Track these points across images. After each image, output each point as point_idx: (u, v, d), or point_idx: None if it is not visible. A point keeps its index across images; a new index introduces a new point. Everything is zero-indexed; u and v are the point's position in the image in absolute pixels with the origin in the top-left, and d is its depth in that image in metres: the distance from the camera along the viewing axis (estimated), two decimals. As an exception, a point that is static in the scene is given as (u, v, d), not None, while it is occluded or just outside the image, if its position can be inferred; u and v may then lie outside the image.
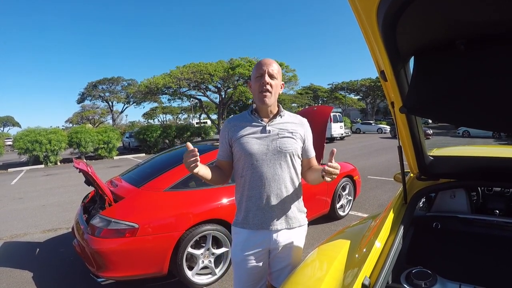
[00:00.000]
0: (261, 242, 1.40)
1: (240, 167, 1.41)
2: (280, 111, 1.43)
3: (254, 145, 1.36)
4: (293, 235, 1.44)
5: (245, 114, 1.46)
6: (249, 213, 1.40)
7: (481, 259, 1.47)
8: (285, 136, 1.39)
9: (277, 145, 1.37)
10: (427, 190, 1.70)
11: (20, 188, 8.41)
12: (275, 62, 1.38)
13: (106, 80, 37.80)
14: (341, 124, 20.48)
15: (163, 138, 18.04)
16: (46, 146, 13.56)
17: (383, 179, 6.87)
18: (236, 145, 1.39)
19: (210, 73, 19.65)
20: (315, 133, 1.33)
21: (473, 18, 0.90)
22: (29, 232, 4.46)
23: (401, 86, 1.23)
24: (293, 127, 1.43)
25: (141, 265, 2.46)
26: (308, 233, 3.75)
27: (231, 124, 1.43)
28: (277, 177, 1.37)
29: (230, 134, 1.41)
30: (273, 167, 1.37)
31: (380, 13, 0.88)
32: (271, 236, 1.40)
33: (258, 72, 1.34)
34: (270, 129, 1.38)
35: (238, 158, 1.41)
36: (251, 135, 1.38)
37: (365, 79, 40.80)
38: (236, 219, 1.47)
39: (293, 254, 1.46)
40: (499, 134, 16.35)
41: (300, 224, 1.47)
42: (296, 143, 1.40)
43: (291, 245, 1.44)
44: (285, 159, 1.38)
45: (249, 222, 1.40)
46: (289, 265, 1.45)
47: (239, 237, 1.44)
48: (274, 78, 1.35)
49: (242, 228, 1.42)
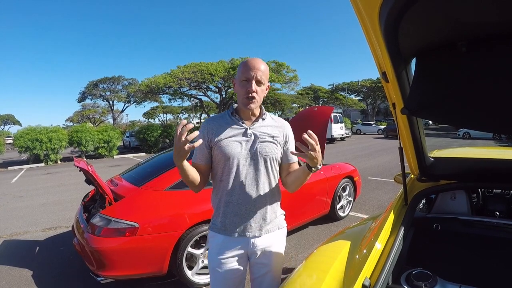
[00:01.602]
0: (238, 247, 1.36)
1: (219, 170, 1.35)
2: (263, 113, 1.38)
3: (235, 149, 1.30)
4: (272, 239, 1.39)
5: (225, 115, 1.38)
6: (227, 219, 1.35)
7: (481, 261, 1.47)
8: (266, 140, 1.34)
9: (258, 150, 1.32)
10: (428, 191, 1.70)
11: (20, 186, 8.41)
12: (263, 62, 1.30)
13: (107, 79, 37.85)
14: (341, 124, 20.49)
15: (163, 138, 18.04)
16: (47, 145, 13.56)
17: (383, 180, 6.87)
18: (216, 148, 1.32)
19: (211, 73, 19.65)
20: (316, 134, 1.31)
21: (475, 19, 0.90)
22: (29, 231, 4.47)
23: (402, 87, 1.23)
24: (274, 131, 1.38)
25: (141, 264, 2.46)
26: (308, 234, 3.81)
27: (210, 125, 1.35)
28: (257, 183, 1.33)
29: (210, 136, 1.33)
30: (253, 172, 1.32)
31: (382, 14, 0.88)
32: (249, 241, 1.35)
33: (245, 76, 1.26)
34: (251, 133, 1.33)
35: (218, 162, 1.34)
36: (232, 138, 1.32)
37: (366, 80, 40.77)
38: (213, 224, 1.41)
39: (274, 259, 1.41)
40: (500, 135, 16.35)
41: (278, 227, 1.43)
42: (277, 148, 1.36)
43: (271, 250, 1.39)
44: (265, 164, 1.34)
45: (226, 227, 1.35)
46: (270, 271, 1.40)
47: (215, 241, 1.38)
48: (261, 84, 1.29)
49: (219, 233, 1.37)
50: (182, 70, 19.89)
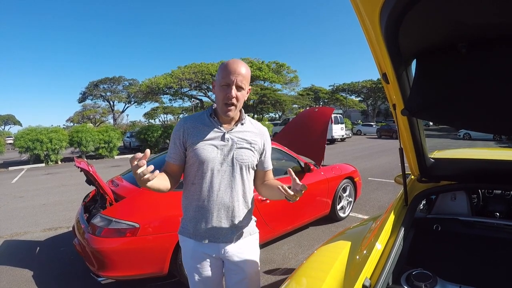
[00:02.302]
0: (210, 252, 1.33)
1: (192, 173, 1.31)
2: (242, 118, 1.34)
3: (211, 153, 1.26)
4: (244, 245, 1.36)
5: (203, 116, 1.33)
6: (197, 224, 1.31)
7: (481, 261, 1.47)
8: (243, 147, 1.30)
9: (234, 156, 1.28)
10: (428, 192, 1.71)
11: (20, 186, 8.42)
12: (244, 65, 1.24)
13: (108, 79, 37.93)
14: (342, 125, 20.48)
15: (164, 138, 18.07)
16: (47, 145, 13.58)
17: (383, 181, 6.87)
18: (191, 150, 1.27)
19: (212, 74, 19.68)
20: (316, 135, 1.30)
21: (475, 20, 0.90)
22: (30, 231, 4.47)
23: (403, 88, 1.23)
24: (252, 137, 1.34)
25: (142, 265, 2.46)
26: (308, 234, 3.81)
27: (187, 125, 1.30)
28: (230, 189, 1.29)
29: (186, 136, 1.29)
30: (227, 178, 1.29)
31: (383, 16, 0.89)
32: (220, 248, 1.33)
33: (225, 81, 1.21)
34: (229, 137, 1.29)
35: (192, 164, 1.30)
36: (209, 141, 1.27)
37: (366, 81, 40.83)
38: (182, 227, 1.37)
39: (248, 265, 1.37)
40: (500, 136, 16.34)
41: (250, 233, 1.40)
42: (253, 155, 1.33)
43: (244, 256, 1.36)
44: (240, 171, 1.30)
45: (196, 233, 1.31)
46: (246, 278, 1.37)
47: (187, 246, 1.35)
48: (241, 89, 1.23)
49: (190, 238, 1.34)
50: (183, 71, 19.93)
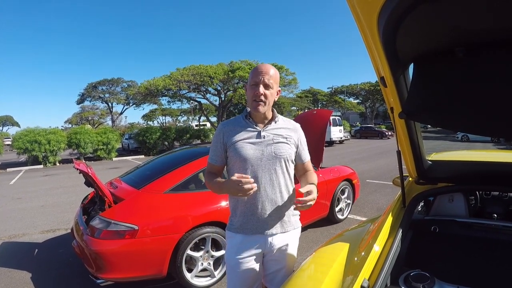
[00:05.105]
0: (256, 246, 1.41)
1: (235, 171, 1.40)
2: (275, 116, 1.44)
3: (249, 150, 1.36)
4: (287, 238, 1.45)
5: (240, 119, 1.45)
6: (245, 218, 1.40)
7: (479, 263, 1.49)
8: (280, 141, 1.40)
9: (272, 151, 1.37)
10: (426, 194, 1.72)
11: (19, 188, 8.39)
12: (273, 68, 1.37)
13: (106, 81, 37.79)
14: (340, 127, 20.51)
15: (162, 140, 18.04)
16: (45, 147, 13.53)
17: (382, 183, 6.89)
18: (231, 150, 1.38)
19: (210, 76, 19.67)
20: (315, 137, 1.34)
21: (472, 25, 0.92)
22: (28, 233, 4.45)
23: (400, 92, 1.25)
24: (287, 132, 1.43)
25: (141, 267, 2.46)
26: (307, 236, 3.81)
27: (226, 128, 1.42)
28: (272, 182, 1.38)
29: (225, 138, 1.40)
30: (268, 172, 1.37)
31: (381, 20, 0.90)
32: (266, 240, 1.41)
33: (254, 80, 1.34)
34: (264, 135, 1.39)
35: (233, 163, 1.41)
36: (246, 140, 1.37)
37: (364, 83, 40.87)
38: (230, 224, 1.46)
39: (288, 257, 1.46)
40: (498, 138, 16.39)
41: (294, 227, 1.49)
42: (290, 148, 1.42)
43: (286, 248, 1.45)
44: (280, 164, 1.39)
45: (244, 227, 1.40)
46: (284, 268, 1.46)
47: (234, 241, 1.43)
48: (269, 87, 1.34)
49: (237, 233, 1.42)
50: (182, 73, 19.90)
